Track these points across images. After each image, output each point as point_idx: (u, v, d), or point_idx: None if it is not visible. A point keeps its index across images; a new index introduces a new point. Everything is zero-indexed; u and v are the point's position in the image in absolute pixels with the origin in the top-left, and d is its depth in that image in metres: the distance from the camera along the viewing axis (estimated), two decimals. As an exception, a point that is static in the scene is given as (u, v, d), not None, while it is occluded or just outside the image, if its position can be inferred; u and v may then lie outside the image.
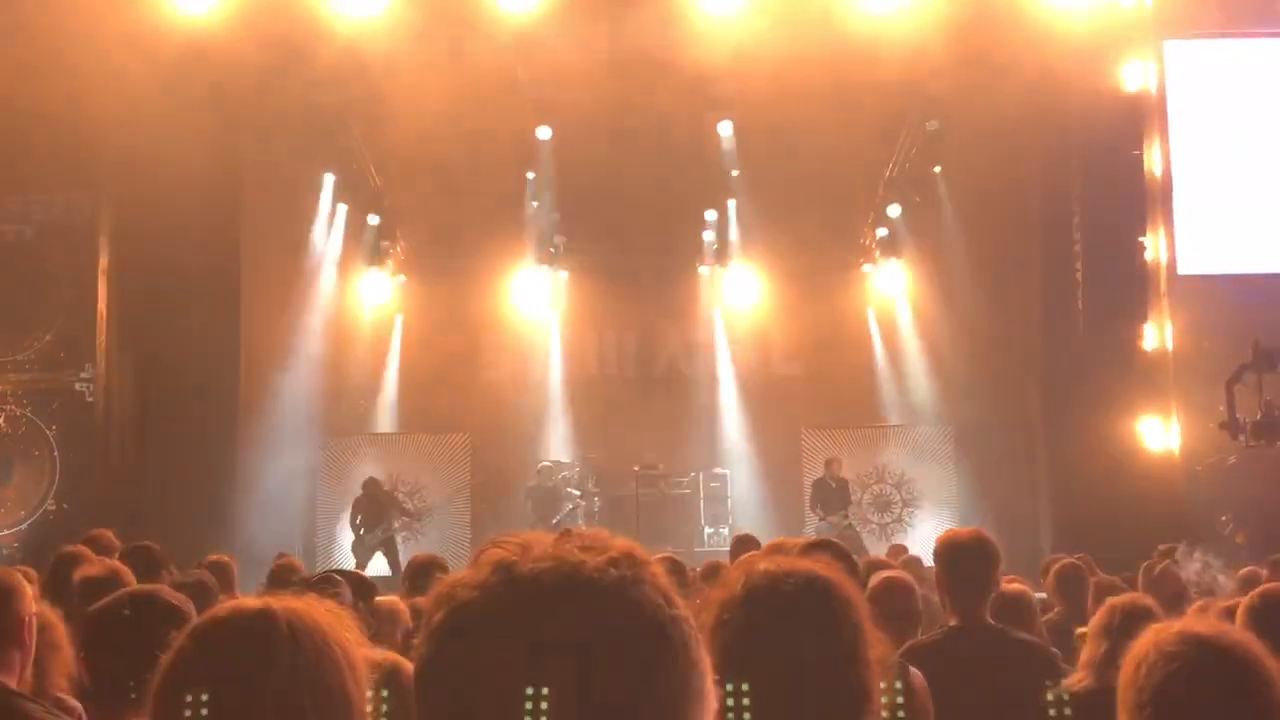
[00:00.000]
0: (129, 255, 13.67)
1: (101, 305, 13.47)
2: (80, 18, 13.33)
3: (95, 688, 3.06)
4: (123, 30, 13.35)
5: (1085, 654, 4.09)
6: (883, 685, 2.12)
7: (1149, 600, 4.45)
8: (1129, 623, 3.99)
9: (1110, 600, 4.38)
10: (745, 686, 1.94)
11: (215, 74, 14.03)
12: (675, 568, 5.39)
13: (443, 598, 1.27)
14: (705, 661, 1.25)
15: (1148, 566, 8.16)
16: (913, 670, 3.23)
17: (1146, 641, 2.45)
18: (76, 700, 3.50)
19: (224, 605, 1.86)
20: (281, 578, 7.14)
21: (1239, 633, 2.46)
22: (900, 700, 2.81)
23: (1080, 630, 4.90)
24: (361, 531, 15.93)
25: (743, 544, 7.32)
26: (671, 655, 1.22)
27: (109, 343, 13.50)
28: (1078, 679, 4.02)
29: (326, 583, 5.45)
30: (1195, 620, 2.75)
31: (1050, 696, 4.01)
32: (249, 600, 1.85)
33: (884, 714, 2.13)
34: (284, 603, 1.82)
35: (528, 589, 1.22)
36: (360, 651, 1.86)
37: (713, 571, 4.99)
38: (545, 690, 1.15)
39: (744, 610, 2.08)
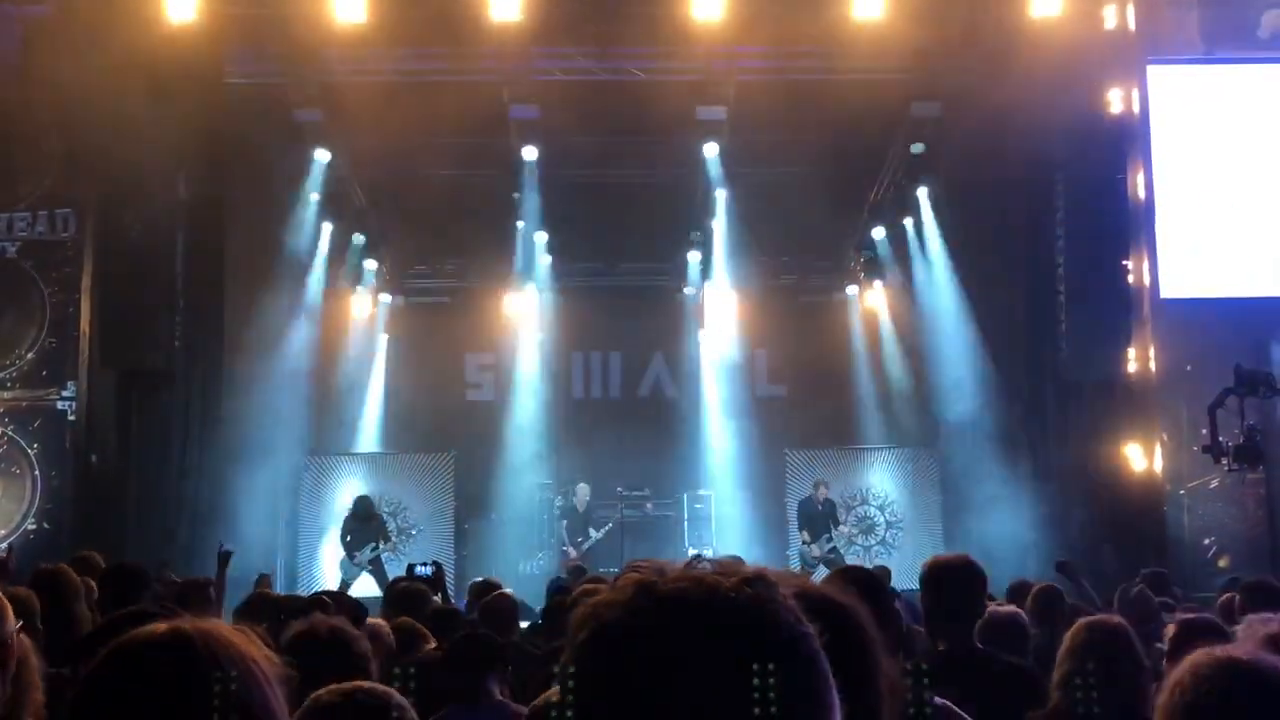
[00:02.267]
0: (112, 273, 13.61)
1: (84, 323, 13.41)
2: (65, 34, 13.32)
3: None
4: (108, 46, 13.34)
5: (1055, 674, 4.09)
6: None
7: (1116, 619, 4.44)
8: (1095, 642, 4.00)
9: (1081, 620, 4.38)
10: None
11: (200, 91, 14.02)
12: None
13: (587, 617, 1.34)
14: (831, 675, 1.33)
15: (1124, 589, 8.19)
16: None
17: (1184, 665, 2.49)
18: None
19: (138, 630, 1.84)
20: (253, 610, 7.12)
21: (1274, 659, 2.48)
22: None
23: None
24: (352, 550, 15.85)
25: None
26: (806, 669, 1.30)
27: (91, 361, 13.43)
28: (1054, 701, 4.02)
29: (318, 605, 5.43)
30: (1234, 646, 2.78)
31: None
32: (158, 625, 1.84)
33: None
34: (195, 624, 1.82)
35: (671, 607, 1.29)
36: (276, 668, 1.86)
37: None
38: (690, 704, 1.23)
39: None
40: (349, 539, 15.88)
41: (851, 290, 21.29)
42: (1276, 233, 14.20)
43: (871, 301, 20.55)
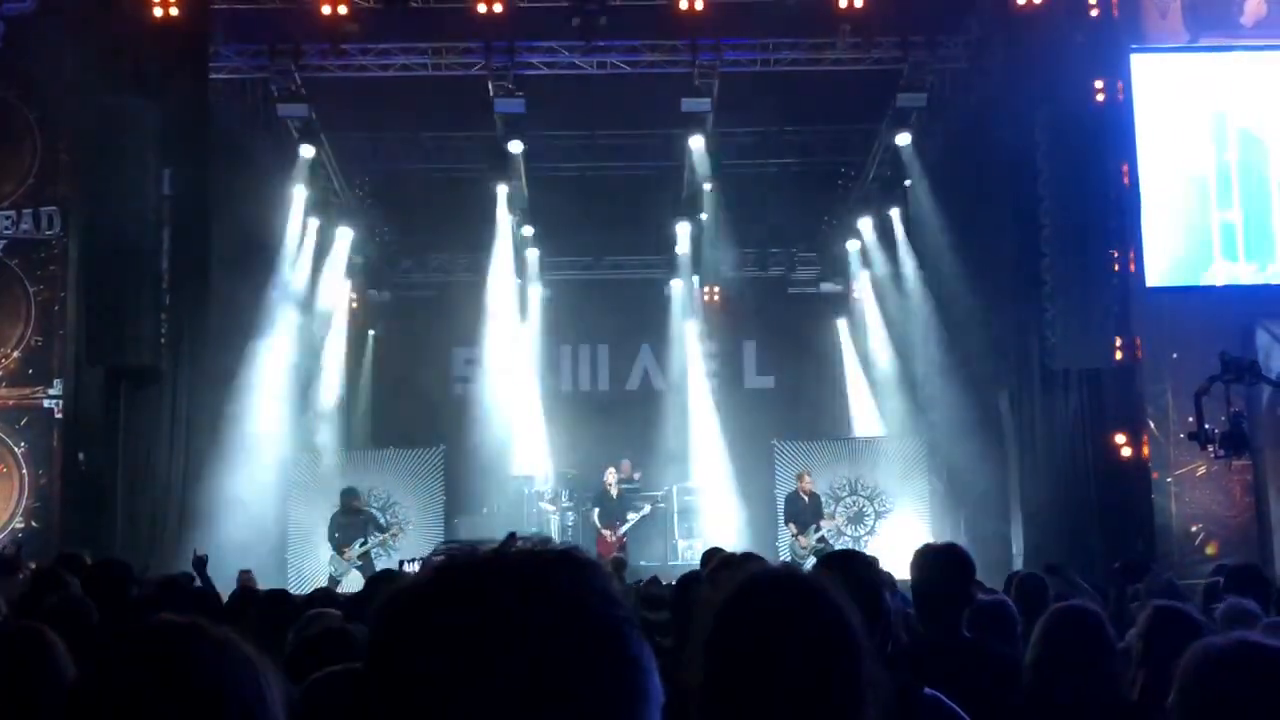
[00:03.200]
0: (98, 271, 13.56)
1: (70, 321, 13.37)
2: (48, 31, 13.28)
3: None
4: (91, 42, 13.31)
5: (1027, 659, 4.11)
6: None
7: (1089, 606, 4.46)
8: (1066, 627, 4.02)
9: (1053, 606, 4.40)
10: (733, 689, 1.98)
11: (185, 87, 13.97)
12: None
13: (387, 597, 1.28)
14: (649, 661, 1.25)
15: (1153, 575, 8.22)
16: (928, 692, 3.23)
17: (1197, 647, 2.54)
18: None
19: (144, 623, 1.84)
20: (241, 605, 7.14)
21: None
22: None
23: None
24: (340, 546, 15.79)
25: (714, 558, 7.29)
26: (610, 653, 1.22)
27: (78, 359, 13.39)
28: (1025, 685, 4.04)
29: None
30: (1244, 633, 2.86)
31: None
32: (162, 616, 1.84)
33: None
34: (194, 619, 1.83)
35: (468, 584, 1.23)
36: (269, 666, 1.86)
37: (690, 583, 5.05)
38: (484, 682, 1.17)
39: (735, 613, 2.08)
40: (337, 535, 15.82)
41: (839, 281, 21.33)
42: (1260, 219, 14.25)
43: (858, 292, 20.58)
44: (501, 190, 18.22)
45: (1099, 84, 14.29)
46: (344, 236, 19.01)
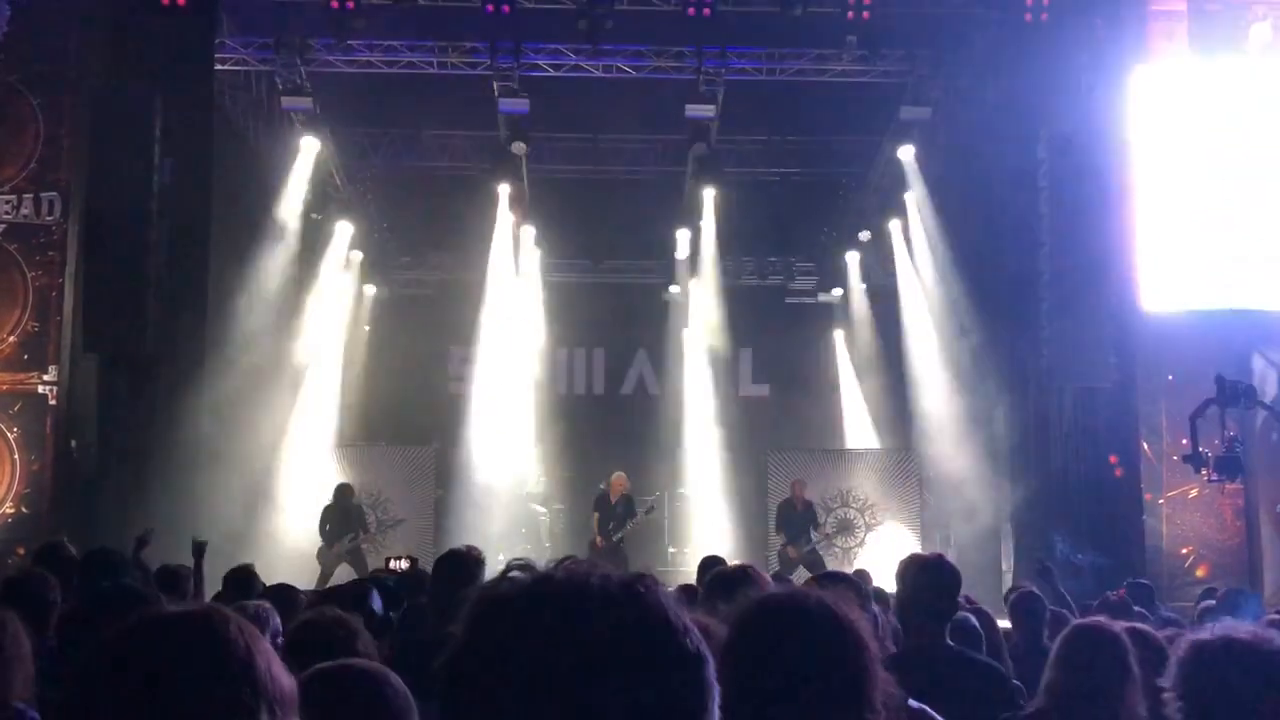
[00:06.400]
0: (96, 257, 13.55)
1: (67, 307, 13.35)
2: (51, 17, 13.28)
3: None
4: (96, 29, 13.30)
5: (1044, 677, 4.08)
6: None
7: (1112, 626, 4.43)
8: (1087, 649, 4.00)
9: (1074, 624, 4.37)
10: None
11: (189, 76, 13.97)
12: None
13: (475, 597, 1.37)
14: (711, 682, 1.32)
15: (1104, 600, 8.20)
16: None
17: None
18: (37, 712, 3.37)
19: (170, 608, 1.84)
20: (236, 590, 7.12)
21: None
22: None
23: None
24: (331, 540, 15.76)
25: (709, 565, 7.28)
26: (677, 670, 1.29)
27: (73, 345, 13.37)
28: (1036, 703, 4.02)
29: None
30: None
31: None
32: (196, 605, 1.85)
33: None
34: (220, 608, 1.83)
35: (548, 593, 1.31)
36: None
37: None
38: (557, 685, 1.24)
39: (754, 631, 2.11)
40: (328, 528, 15.79)
41: (837, 291, 21.34)
42: (1260, 244, 14.25)
43: (856, 303, 20.60)
44: (502, 190, 18.22)
45: (1102, 103, 14.30)
46: (343, 231, 19.01)
